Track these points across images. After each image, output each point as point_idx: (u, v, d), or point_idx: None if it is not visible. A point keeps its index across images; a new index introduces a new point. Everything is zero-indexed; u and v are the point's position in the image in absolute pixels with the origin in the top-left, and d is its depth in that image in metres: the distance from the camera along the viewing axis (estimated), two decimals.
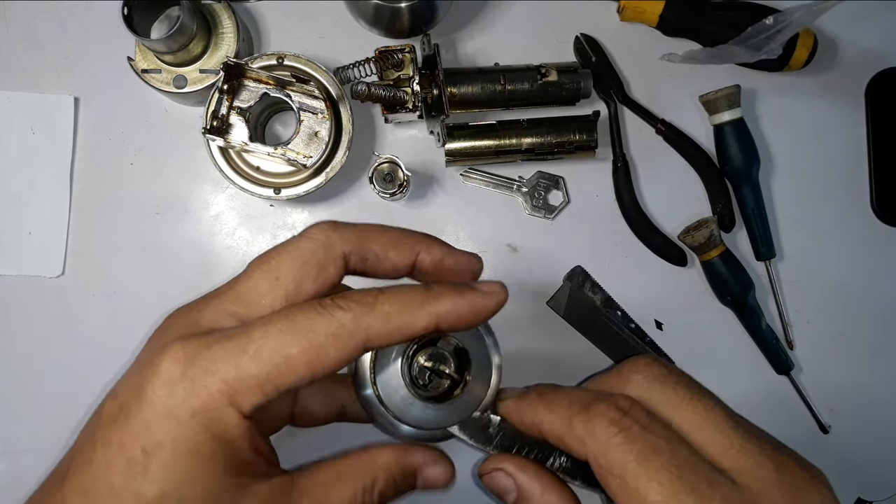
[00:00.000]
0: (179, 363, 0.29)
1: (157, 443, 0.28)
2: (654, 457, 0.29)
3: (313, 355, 0.29)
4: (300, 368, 0.29)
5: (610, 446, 0.29)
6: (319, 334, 0.29)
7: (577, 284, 0.65)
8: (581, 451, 0.31)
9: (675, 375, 0.32)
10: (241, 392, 0.28)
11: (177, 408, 0.28)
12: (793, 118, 0.68)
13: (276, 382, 0.29)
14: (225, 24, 0.61)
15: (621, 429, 0.30)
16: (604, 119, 0.66)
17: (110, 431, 0.29)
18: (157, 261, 0.65)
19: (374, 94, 0.59)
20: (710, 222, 0.63)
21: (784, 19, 0.59)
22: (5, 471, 0.64)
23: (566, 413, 0.31)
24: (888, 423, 0.67)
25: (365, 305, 0.30)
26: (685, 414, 0.31)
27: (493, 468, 0.33)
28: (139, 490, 0.27)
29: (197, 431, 0.28)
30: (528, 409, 0.33)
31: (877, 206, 0.68)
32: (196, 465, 0.28)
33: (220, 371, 0.28)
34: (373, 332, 0.30)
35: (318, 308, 0.30)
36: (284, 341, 0.29)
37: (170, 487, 0.27)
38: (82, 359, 0.64)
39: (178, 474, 0.28)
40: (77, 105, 0.65)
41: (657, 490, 0.28)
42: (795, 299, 0.67)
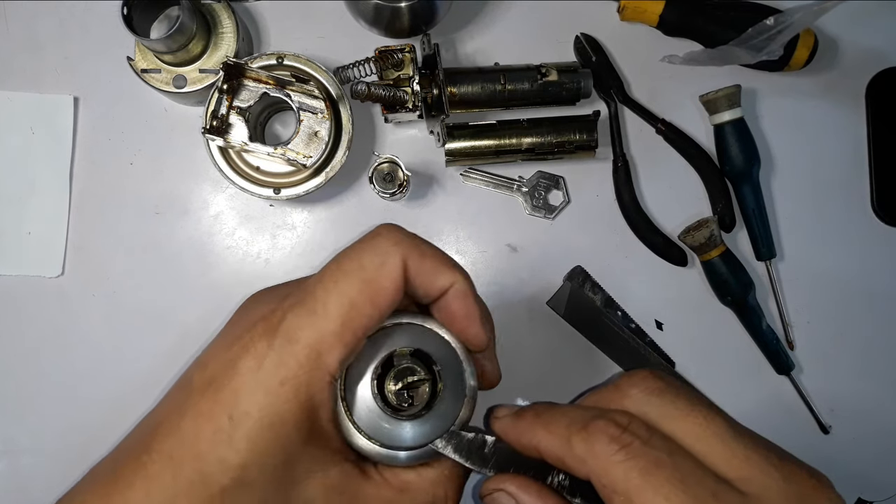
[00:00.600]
0: (264, 338, 0.30)
1: (245, 412, 0.29)
2: (657, 471, 0.28)
3: (372, 292, 0.31)
4: (366, 308, 0.31)
5: (611, 464, 0.29)
6: (369, 270, 0.31)
7: (577, 284, 0.65)
8: (582, 470, 0.30)
9: (673, 387, 0.32)
10: (324, 351, 0.30)
11: (266, 378, 0.29)
12: (793, 118, 0.68)
13: (353, 328, 0.30)
14: (225, 24, 0.61)
15: (622, 445, 0.29)
16: (604, 119, 0.66)
17: (200, 401, 0.30)
18: (156, 261, 0.65)
19: (374, 93, 0.59)
20: (711, 222, 0.63)
21: (785, 20, 0.59)
22: (5, 471, 0.64)
23: (565, 433, 0.31)
24: (888, 424, 0.67)
25: (406, 236, 0.32)
26: (685, 426, 0.30)
27: (495, 489, 0.33)
28: (223, 457, 0.28)
29: (285, 400, 0.29)
30: (525, 429, 0.33)
31: (877, 206, 0.67)
32: (280, 435, 0.29)
33: (301, 337, 0.30)
34: (411, 262, 0.32)
35: (360, 246, 0.32)
36: (343, 288, 0.30)
37: (252, 456, 0.29)
38: (82, 359, 0.64)
39: (261, 444, 0.29)
40: (77, 105, 0.65)
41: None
42: (796, 299, 0.67)
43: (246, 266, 0.66)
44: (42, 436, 0.64)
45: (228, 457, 0.28)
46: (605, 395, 0.33)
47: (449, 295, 0.34)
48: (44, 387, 0.64)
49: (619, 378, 0.33)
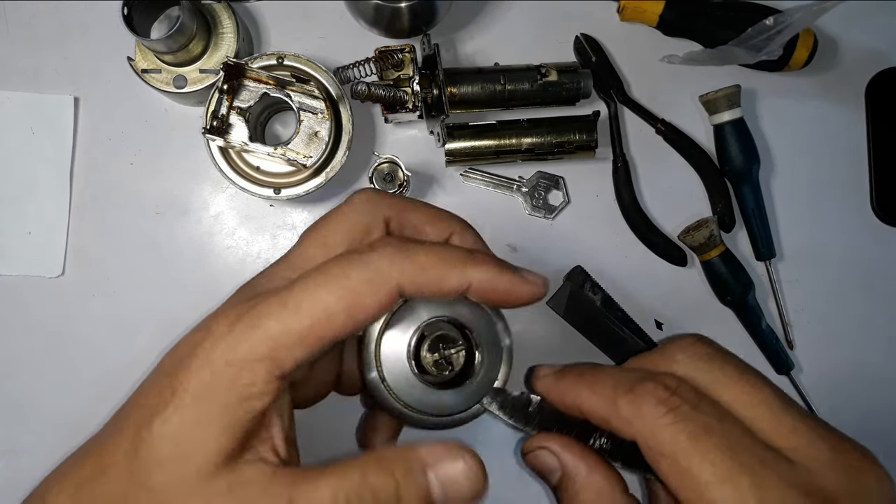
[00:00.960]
0: (228, 320, 0.30)
1: (185, 388, 0.29)
2: (705, 436, 0.28)
3: (350, 302, 0.29)
4: (340, 317, 0.29)
5: (659, 426, 0.29)
6: (354, 280, 0.29)
7: (577, 284, 0.65)
8: (628, 432, 0.30)
9: (722, 353, 0.32)
10: (283, 346, 0.29)
11: (216, 359, 0.29)
12: (793, 118, 0.68)
13: (320, 335, 0.29)
14: (225, 24, 0.61)
15: (670, 408, 0.29)
16: (604, 119, 0.66)
17: (160, 378, 0.30)
18: (156, 261, 0.65)
19: (374, 94, 0.59)
20: (711, 222, 0.63)
21: (784, 20, 0.59)
22: (5, 471, 0.64)
23: (611, 394, 0.31)
24: (888, 424, 0.67)
25: (401, 251, 0.30)
26: (734, 393, 0.30)
27: (538, 446, 0.33)
28: (151, 426, 0.28)
29: (221, 380, 0.28)
30: (568, 388, 0.33)
31: (877, 206, 0.68)
32: (205, 414, 0.28)
33: (263, 326, 0.29)
34: (406, 278, 0.30)
35: (351, 256, 0.30)
36: (322, 292, 0.29)
37: (172, 428, 0.28)
38: (82, 359, 0.64)
39: (183, 418, 0.28)
40: (77, 105, 0.65)
41: (710, 470, 0.27)
42: (795, 299, 0.67)
43: (246, 266, 0.66)
44: (42, 436, 0.64)
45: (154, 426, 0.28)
46: (651, 360, 0.33)
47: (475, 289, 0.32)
48: (44, 387, 0.64)
49: (665, 343, 0.33)
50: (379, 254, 0.30)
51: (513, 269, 0.33)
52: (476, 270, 0.31)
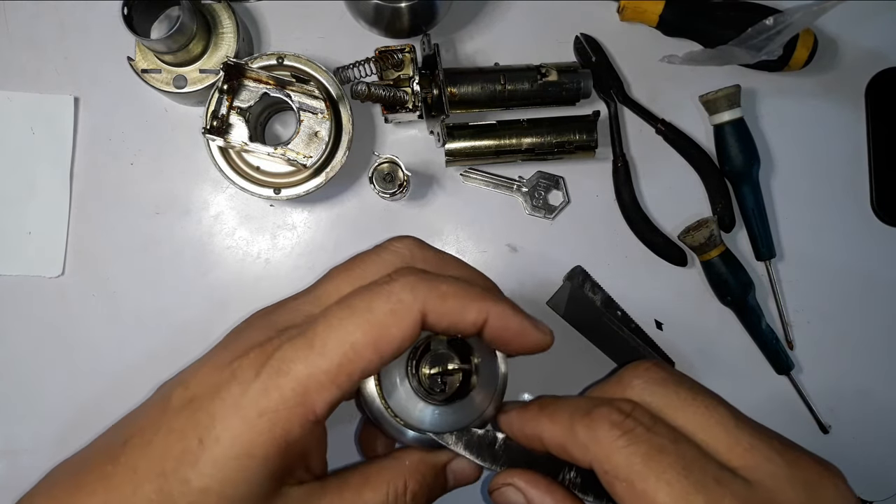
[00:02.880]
0: (254, 365, 0.29)
1: (216, 437, 0.28)
2: (659, 457, 0.28)
3: (377, 336, 0.29)
4: (367, 352, 0.29)
5: (614, 450, 0.29)
6: (378, 313, 0.29)
7: (577, 284, 0.65)
8: (585, 458, 0.30)
9: (676, 377, 0.32)
10: (313, 389, 0.29)
11: (246, 406, 0.28)
12: (793, 118, 0.68)
13: (349, 371, 0.29)
14: (225, 24, 0.61)
15: (624, 431, 0.29)
16: (604, 119, 0.66)
17: (174, 419, 0.29)
18: (157, 261, 0.65)
19: (374, 94, 0.59)
20: (711, 222, 0.63)
21: (784, 20, 0.59)
22: (5, 471, 0.64)
23: (568, 421, 0.31)
24: (888, 423, 0.67)
25: (423, 280, 0.30)
26: (688, 415, 0.30)
27: (504, 483, 0.33)
28: (186, 478, 0.28)
29: (259, 432, 0.28)
30: (529, 420, 0.33)
31: (877, 205, 0.68)
32: (246, 467, 0.28)
33: (292, 371, 0.29)
34: (429, 307, 0.30)
35: (373, 287, 0.30)
36: (347, 328, 0.29)
37: (214, 483, 0.28)
38: (82, 359, 0.64)
39: (225, 473, 0.28)
40: (77, 105, 0.65)
41: (665, 491, 0.27)
42: (795, 299, 0.67)
43: (246, 266, 0.66)
44: (42, 436, 0.64)
45: (191, 479, 0.28)
46: (608, 387, 0.33)
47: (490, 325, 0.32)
48: (44, 387, 0.64)
49: (621, 370, 0.33)
50: (401, 283, 0.30)
51: (526, 315, 0.34)
52: (494, 306, 0.32)
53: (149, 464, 0.29)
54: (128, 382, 0.64)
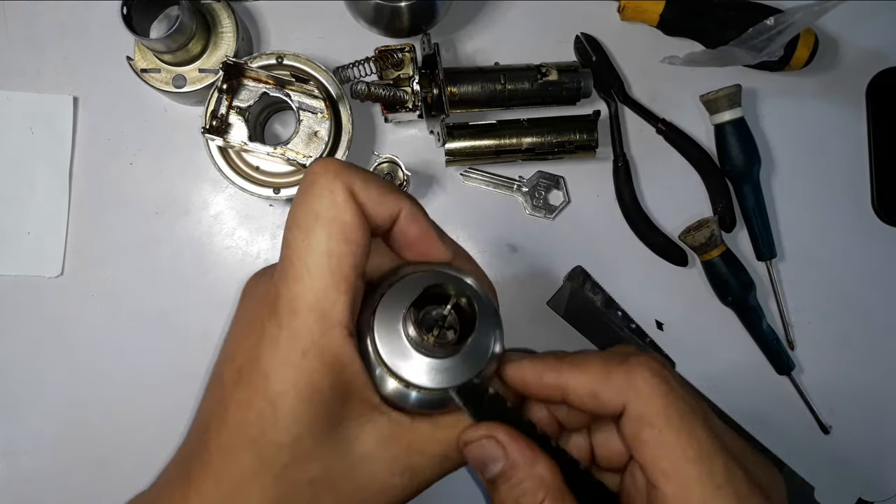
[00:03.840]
0: (273, 322, 0.30)
1: (280, 393, 0.29)
2: (692, 414, 0.29)
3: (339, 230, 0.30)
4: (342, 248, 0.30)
5: (655, 396, 0.30)
6: (324, 213, 0.30)
7: (577, 284, 0.64)
8: (617, 403, 0.30)
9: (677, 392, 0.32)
10: (328, 307, 0.30)
11: (288, 355, 0.29)
12: (793, 118, 0.68)
13: (343, 274, 0.30)
14: (224, 24, 0.61)
15: (664, 380, 0.30)
16: (604, 119, 0.66)
17: (236, 391, 0.30)
18: (156, 261, 0.65)
19: (373, 93, 0.59)
20: (711, 222, 0.63)
21: (785, 20, 0.59)
22: (5, 471, 0.64)
23: (602, 367, 0.31)
24: (889, 424, 0.67)
25: (342, 167, 0.32)
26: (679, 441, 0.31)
27: (483, 435, 0.32)
28: (273, 438, 0.29)
29: (312, 369, 0.29)
30: (550, 369, 0.32)
31: (877, 205, 0.67)
32: (319, 402, 0.29)
33: (301, 305, 0.30)
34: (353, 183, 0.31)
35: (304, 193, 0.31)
36: (312, 241, 0.30)
37: (302, 430, 0.29)
38: (82, 359, 0.64)
39: (305, 416, 0.29)
40: (76, 105, 0.65)
41: (695, 447, 0.29)
42: (796, 299, 0.67)
43: (246, 266, 0.66)
44: (42, 436, 0.64)
45: (279, 437, 0.29)
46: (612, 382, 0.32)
47: (401, 221, 0.33)
48: (44, 387, 0.64)
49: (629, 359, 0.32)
50: (324, 177, 0.31)
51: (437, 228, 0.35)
52: (408, 202, 0.33)
53: (236, 438, 0.30)
54: (128, 382, 0.64)
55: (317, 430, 0.29)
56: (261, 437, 0.29)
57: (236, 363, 0.31)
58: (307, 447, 0.29)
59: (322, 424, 0.30)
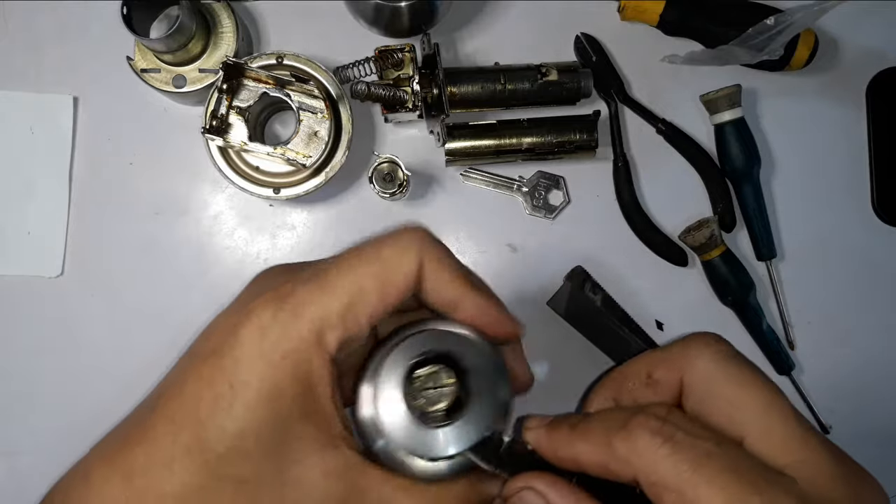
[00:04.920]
0: (270, 308, 0.30)
1: (244, 381, 0.29)
2: (708, 461, 0.27)
3: (383, 281, 0.30)
4: (374, 296, 0.30)
5: (658, 459, 0.27)
6: (385, 261, 0.31)
7: (577, 284, 0.64)
8: (628, 473, 0.29)
9: (740, 355, 0.31)
10: (326, 329, 0.30)
11: (268, 350, 0.29)
12: (794, 118, 0.68)
13: (356, 313, 0.30)
14: (224, 24, 0.61)
15: (665, 438, 0.28)
16: (604, 119, 0.66)
17: (202, 367, 0.30)
18: (156, 261, 0.65)
19: (373, 93, 0.59)
20: (711, 222, 0.63)
21: (785, 20, 0.59)
22: (5, 471, 0.64)
23: (604, 437, 0.29)
24: (889, 424, 0.67)
25: (427, 238, 0.32)
26: (749, 399, 0.30)
27: (522, 487, 0.31)
28: (221, 424, 0.28)
29: (283, 373, 0.29)
30: (562, 442, 0.31)
31: (878, 205, 0.67)
32: (278, 408, 0.29)
33: (307, 313, 0.30)
34: (427, 262, 0.31)
35: (383, 237, 0.32)
36: (357, 272, 0.30)
37: (251, 425, 0.28)
38: (82, 359, 0.64)
39: (259, 414, 0.29)
40: (76, 105, 0.65)
41: (721, 496, 0.26)
42: (796, 299, 0.67)
43: (245, 266, 0.66)
44: (42, 436, 0.64)
45: (226, 424, 0.28)
46: (670, 354, 0.32)
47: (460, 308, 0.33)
48: (44, 387, 0.64)
49: (685, 338, 0.32)
50: (408, 238, 0.32)
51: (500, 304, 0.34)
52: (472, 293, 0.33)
53: (183, 412, 0.29)
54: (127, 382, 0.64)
55: (264, 434, 0.29)
56: (208, 420, 0.29)
57: (212, 340, 0.31)
58: (248, 446, 0.29)
59: (271, 431, 0.29)
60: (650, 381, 0.32)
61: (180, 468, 0.28)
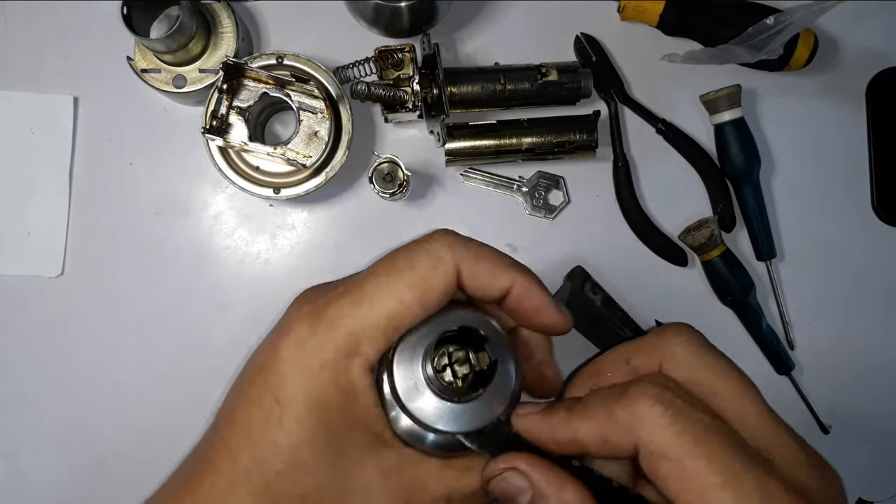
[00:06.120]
0: (307, 323, 0.30)
1: (290, 396, 0.29)
2: (707, 435, 0.27)
3: (422, 290, 0.30)
4: (413, 306, 0.30)
5: (659, 426, 0.27)
6: (421, 270, 0.31)
7: (577, 284, 0.64)
8: (629, 443, 0.28)
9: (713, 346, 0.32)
10: (364, 340, 0.30)
11: (307, 362, 0.29)
12: (793, 118, 0.68)
13: (396, 324, 0.30)
14: (224, 24, 0.61)
15: (667, 406, 0.28)
16: (604, 119, 0.66)
17: (250, 389, 0.30)
18: (156, 261, 0.65)
19: (373, 93, 0.59)
20: (711, 222, 0.63)
21: (785, 19, 0.59)
22: (5, 471, 0.64)
23: (604, 409, 0.29)
24: (888, 424, 0.67)
25: (459, 240, 0.32)
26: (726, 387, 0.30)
27: (505, 467, 0.31)
28: (275, 440, 0.29)
29: (326, 384, 0.29)
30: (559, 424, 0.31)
31: (877, 205, 0.67)
32: (325, 418, 0.29)
33: (344, 325, 0.30)
34: (464, 265, 0.31)
35: (414, 247, 0.32)
36: (394, 284, 0.30)
37: (303, 438, 0.29)
38: (82, 359, 0.64)
39: (310, 426, 0.29)
40: (76, 105, 0.65)
41: (718, 471, 0.26)
42: (796, 299, 0.67)
43: (245, 266, 0.66)
44: (42, 436, 0.64)
45: (280, 440, 0.29)
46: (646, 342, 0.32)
47: (513, 295, 0.33)
48: (44, 387, 0.64)
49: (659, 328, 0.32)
50: (439, 242, 0.32)
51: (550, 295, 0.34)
52: (521, 276, 0.33)
53: (238, 436, 0.30)
54: (127, 382, 0.64)
55: (318, 444, 0.29)
56: (261, 439, 0.29)
57: (256, 362, 0.31)
58: (305, 459, 0.29)
59: (324, 441, 0.29)
60: (629, 368, 0.32)
61: (243, 492, 0.29)
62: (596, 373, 0.34)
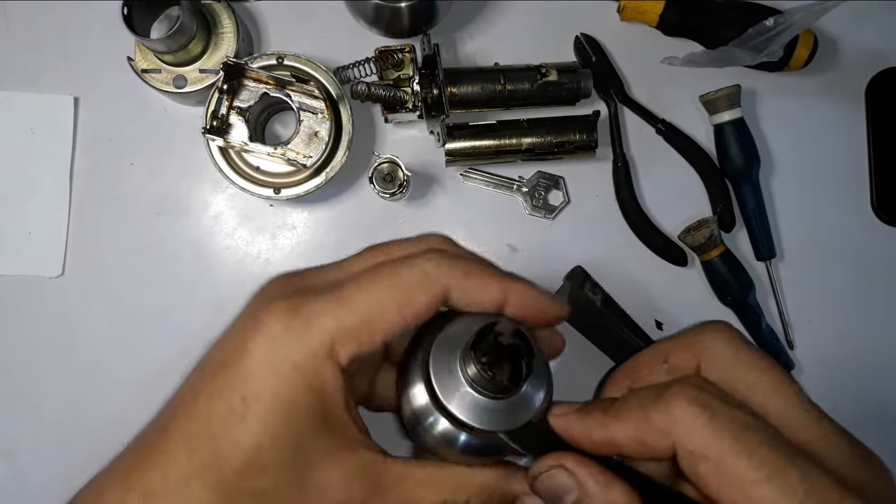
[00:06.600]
0: (281, 318, 0.29)
1: (256, 394, 0.28)
2: (746, 433, 0.27)
3: (402, 301, 0.30)
4: (392, 315, 0.30)
5: (697, 427, 0.27)
6: (405, 279, 0.30)
7: (577, 284, 0.64)
8: (665, 445, 0.28)
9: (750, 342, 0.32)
10: (339, 342, 0.29)
11: (278, 360, 0.29)
12: (793, 118, 0.68)
13: (372, 330, 0.30)
14: (225, 24, 0.61)
15: (704, 407, 0.28)
16: (604, 119, 0.66)
17: (213, 381, 0.30)
18: (156, 261, 0.65)
19: (374, 93, 0.59)
20: (711, 222, 0.63)
21: (785, 21, 0.59)
22: (5, 471, 0.64)
23: (640, 411, 0.29)
24: (888, 424, 0.67)
25: (447, 257, 0.31)
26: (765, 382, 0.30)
27: (553, 465, 0.30)
28: (236, 438, 0.28)
29: (295, 384, 0.29)
30: (595, 426, 0.31)
31: (877, 205, 0.67)
32: (292, 419, 0.29)
33: (320, 324, 0.29)
34: (453, 282, 0.31)
35: (402, 260, 0.31)
36: (375, 288, 0.30)
37: (266, 438, 0.28)
38: (82, 359, 0.64)
39: (274, 427, 0.28)
40: (77, 105, 0.65)
41: (759, 466, 0.26)
42: (796, 299, 0.67)
43: (246, 266, 0.66)
44: (42, 436, 0.64)
45: (241, 438, 0.28)
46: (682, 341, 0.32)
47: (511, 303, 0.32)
48: (44, 387, 0.64)
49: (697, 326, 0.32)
50: (427, 258, 0.31)
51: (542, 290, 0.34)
52: (514, 284, 0.32)
53: (197, 429, 0.29)
54: (128, 382, 0.64)
55: (281, 446, 0.28)
56: (222, 434, 0.28)
57: (222, 353, 0.31)
58: (265, 459, 0.28)
59: (287, 442, 0.29)
60: (666, 367, 0.32)
61: (198, 486, 0.28)
62: (633, 371, 0.34)
